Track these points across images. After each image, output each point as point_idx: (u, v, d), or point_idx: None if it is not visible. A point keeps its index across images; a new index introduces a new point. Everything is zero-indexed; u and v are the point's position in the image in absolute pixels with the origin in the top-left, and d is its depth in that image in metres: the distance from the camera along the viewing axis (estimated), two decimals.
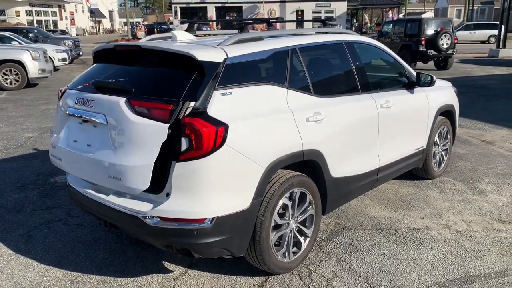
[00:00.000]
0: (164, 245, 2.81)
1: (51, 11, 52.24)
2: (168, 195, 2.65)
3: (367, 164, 3.84)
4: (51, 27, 52.45)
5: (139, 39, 36.66)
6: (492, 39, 31.93)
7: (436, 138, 4.94)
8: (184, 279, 3.16)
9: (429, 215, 4.20)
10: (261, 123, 2.85)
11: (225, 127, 2.63)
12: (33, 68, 12.65)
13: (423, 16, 55.52)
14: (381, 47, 4.34)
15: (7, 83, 12.60)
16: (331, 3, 53.28)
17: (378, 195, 4.71)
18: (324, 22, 4.36)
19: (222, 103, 2.69)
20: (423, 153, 4.73)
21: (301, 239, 3.28)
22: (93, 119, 2.88)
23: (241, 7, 53.58)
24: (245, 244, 2.88)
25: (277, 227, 3.07)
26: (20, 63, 12.57)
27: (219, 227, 2.68)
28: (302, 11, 53.64)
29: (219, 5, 53.38)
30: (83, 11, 60.78)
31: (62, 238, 3.76)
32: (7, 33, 18.02)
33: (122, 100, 2.73)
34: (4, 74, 12.56)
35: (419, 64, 17.22)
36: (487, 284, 3.08)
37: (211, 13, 53.56)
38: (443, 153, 5.20)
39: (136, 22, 66.95)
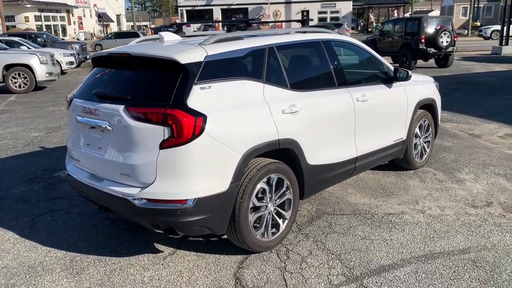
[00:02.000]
0: (151, 224, 3.13)
1: (60, 16, 53.00)
2: (154, 179, 2.97)
3: (344, 153, 4.13)
4: (60, 32, 53.28)
5: None
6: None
7: (417, 130, 5.21)
8: (172, 258, 3.48)
9: (406, 202, 4.48)
10: (238, 114, 3.16)
11: (204, 117, 2.95)
12: (40, 72, 13.09)
13: (430, 14, 55.52)
14: (360, 45, 4.63)
15: (16, 86, 13.05)
16: (336, 3, 53.46)
17: (360, 184, 5.00)
18: (303, 22, 4.65)
19: (201, 96, 3.01)
20: (403, 144, 5.00)
21: (280, 221, 3.58)
22: (100, 125, 3.21)
23: (246, 8, 53.97)
24: (224, 224, 3.20)
25: (255, 209, 3.37)
26: (28, 67, 13.02)
27: (199, 207, 3.00)
28: (307, 11, 53.89)
29: (225, 7, 53.81)
30: (91, 15, 61.55)
31: (63, 225, 4.10)
32: (16, 38, 18.58)
33: (121, 108, 3.05)
34: (13, 77, 13.01)
35: (420, 62, 17.43)
36: (449, 259, 3.36)
37: (217, 15, 54.02)
38: (425, 145, 5.46)
39: (143, 25, 67.65)
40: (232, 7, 53.82)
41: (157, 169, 2.95)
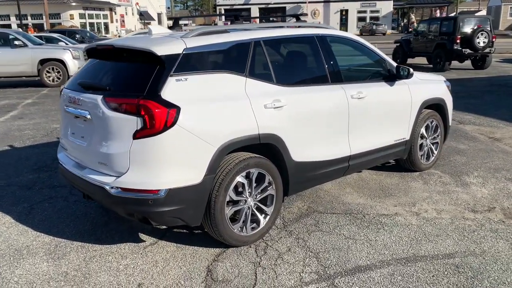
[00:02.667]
0: (126, 213, 3.18)
1: (103, 14, 54.69)
2: (127, 168, 3.02)
3: (335, 151, 4.05)
4: (102, 29, 54.95)
5: None
6: None
7: (423, 130, 5.04)
8: (153, 248, 3.52)
9: (403, 203, 4.35)
10: (215, 107, 3.16)
11: (177, 109, 2.97)
12: (73, 66, 13.55)
13: (476, 15, 53.52)
14: (361, 42, 4.52)
15: (49, 80, 13.58)
16: (376, 3, 52.52)
17: (360, 184, 4.89)
18: (297, 18, 4.59)
19: (176, 88, 3.03)
20: (406, 144, 4.85)
21: (261, 216, 3.55)
22: (82, 115, 3.30)
23: (284, 7, 53.88)
24: (199, 216, 3.21)
25: (234, 202, 3.36)
26: (61, 62, 13.51)
27: (171, 198, 3.02)
28: (346, 11, 53.24)
29: (263, 6, 53.93)
30: (132, 13, 63.12)
31: (58, 212, 4.23)
32: (55, 35, 19.33)
33: (99, 98, 3.13)
34: (47, 72, 13.53)
35: (455, 63, 16.84)
36: (430, 263, 3.23)
37: (255, 14, 54.15)
38: (432, 146, 5.28)
39: (183, 24, 68.75)
40: (270, 6, 53.88)
41: (130, 158, 3.00)
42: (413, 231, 3.76)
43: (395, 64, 4.65)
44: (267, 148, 3.52)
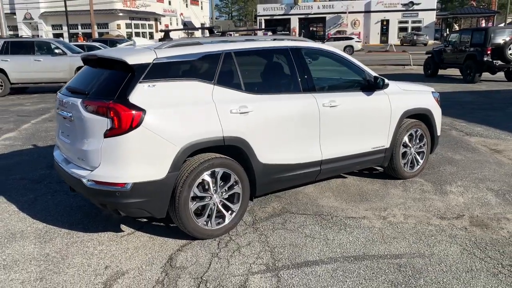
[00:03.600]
0: (100, 203, 3.59)
1: (148, 24, 56.79)
2: (99, 163, 3.43)
3: (305, 155, 4.31)
4: (148, 38, 56.87)
5: None
6: None
7: (405, 139, 5.19)
8: (129, 238, 3.91)
9: (374, 208, 4.53)
10: (180, 111, 3.53)
11: (143, 112, 3.36)
12: None
13: (509, 25, 51.56)
14: (338, 53, 4.77)
15: None
16: (418, 13, 51.67)
17: (342, 189, 5.10)
18: (274, 31, 4.90)
19: (144, 93, 3.42)
20: (386, 152, 5.03)
21: (227, 213, 3.87)
22: (67, 116, 3.77)
23: (324, 17, 53.98)
24: (163, 208, 3.57)
25: (198, 198, 3.70)
26: None
27: (136, 191, 3.40)
28: (387, 21, 52.63)
29: (302, 16, 54.25)
30: (177, 23, 65.12)
31: (58, 203, 4.72)
32: (97, 44, 20.50)
33: (79, 101, 3.58)
34: None
35: (487, 75, 16.48)
36: (375, 262, 3.44)
37: (294, 24, 54.65)
38: (417, 155, 5.41)
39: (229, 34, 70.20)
40: (310, 16, 54.12)
41: (101, 155, 3.41)
42: (372, 233, 3.96)
43: (374, 75, 4.86)
44: (234, 150, 3.84)
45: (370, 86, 4.81)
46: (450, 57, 17.68)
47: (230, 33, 5.28)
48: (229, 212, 3.90)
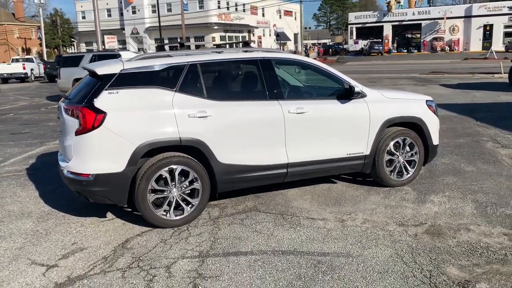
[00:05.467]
0: (74, 190, 4.29)
1: (241, 36, 59.13)
2: (72, 156, 4.14)
3: (269, 157, 4.63)
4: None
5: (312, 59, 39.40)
6: None
7: (390, 147, 5.23)
8: (107, 222, 4.57)
9: (341, 212, 4.70)
10: (138, 114, 4.11)
11: (104, 114, 3.99)
12: None
13: None
14: (314, 64, 5.02)
15: None
16: None
17: (323, 193, 5.30)
18: (246, 43, 5.27)
19: (108, 99, 4.06)
20: (366, 159, 5.13)
21: (187, 206, 4.35)
22: (60, 118, 4.56)
23: (419, 24, 51.75)
24: (123, 198, 4.16)
25: (158, 191, 4.23)
26: None
27: (98, 181, 4.04)
28: (491, 26, 48.94)
29: (396, 23, 52.55)
30: (270, 34, 66.93)
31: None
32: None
33: (63, 105, 4.35)
34: None
35: None
36: (297, 257, 3.68)
37: (387, 31, 53.13)
38: (407, 164, 5.40)
39: (312, 43, 70.46)
40: (404, 23, 52.24)
41: (73, 150, 4.11)
42: (318, 233, 4.17)
43: (353, 84, 5.00)
44: (194, 150, 4.32)
45: (347, 94, 4.97)
46: None
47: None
48: (189, 206, 4.38)
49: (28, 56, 39.02)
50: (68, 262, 3.73)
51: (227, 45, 5.56)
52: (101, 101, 4.04)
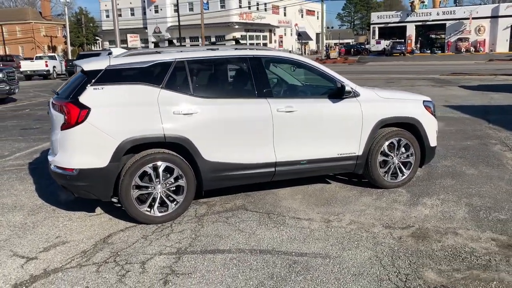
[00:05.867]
0: (60, 184, 4.35)
1: (262, 35, 59.19)
2: (58, 151, 4.19)
3: (256, 156, 4.59)
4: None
5: (332, 59, 38.80)
6: None
7: (384, 148, 5.13)
8: (94, 217, 4.61)
9: (328, 212, 4.63)
10: (122, 110, 4.13)
11: (88, 110, 4.03)
12: None
13: None
14: (305, 62, 4.96)
15: None
16: None
17: (316, 193, 5.23)
18: (237, 41, 5.22)
19: (92, 95, 4.09)
20: (358, 159, 5.04)
21: (171, 203, 4.36)
22: (49, 113, 4.63)
23: (444, 24, 50.75)
24: (107, 193, 4.20)
25: (141, 187, 4.25)
26: None
27: (82, 176, 4.09)
28: None
29: (419, 23, 51.66)
30: (291, 34, 66.73)
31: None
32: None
33: (52, 100, 4.40)
34: None
35: None
36: (274, 257, 3.64)
37: (411, 32, 52.29)
38: (402, 165, 5.28)
39: (334, 43, 69.88)
40: (427, 23, 51.32)
41: (59, 144, 4.16)
42: (301, 233, 4.11)
43: (345, 83, 4.92)
44: (179, 147, 4.32)
45: (338, 93, 4.89)
46: None
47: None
48: (174, 202, 4.38)
49: (51, 54, 39.84)
50: (48, 255, 3.78)
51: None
52: (85, 97, 4.08)
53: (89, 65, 4.22)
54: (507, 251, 3.71)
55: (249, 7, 55.25)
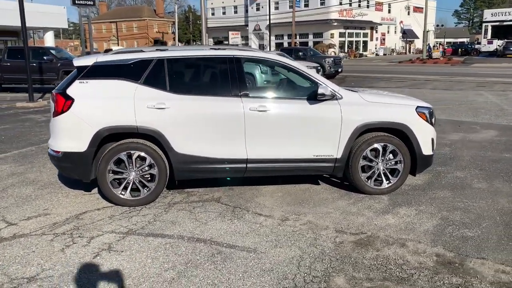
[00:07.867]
0: (54, 164, 5.00)
1: (363, 33, 57.60)
2: (51, 135, 4.85)
3: (227, 152, 4.82)
4: (361, 47, 57.64)
5: (434, 59, 35.84)
6: None
7: (367, 153, 5.02)
8: (86, 196, 5.22)
9: (293, 212, 4.69)
10: (101, 102, 4.64)
11: (72, 100, 4.61)
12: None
13: None
14: (287, 64, 5.05)
15: None
16: None
17: (297, 192, 5.30)
18: (221, 42, 5.38)
19: (78, 87, 4.66)
20: (336, 162, 5.01)
21: (143, 189, 4.78)
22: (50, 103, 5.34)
23: None
24: (87, 175, 4.75)
25: (116, 172, 4.74)
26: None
27: (65, 158, 4.69)
28: None
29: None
30: (395, 32, 63.93)
31: None
32: (280, 52, 22.67)
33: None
34: None
35: None
36: (201, 245, 3.88)
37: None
38: (388, 172, 5.12)
39: (438, 42, 65.25)
40: None
41: (51, 129, 4.81)
42: (250, 228, 4.28)
43: (324, 85, 4.90)
44: (151, 138, 4.73)
45: (315, 95, 4.89)
46: None
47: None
48: (146, 189, 4.80)
49: None
50: (26, 223, 4.43)
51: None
52: (72, 89, 4.66)
53: (79, 61, 4.80)
54: (441, 268, 3.52)
55: (350, 4, 54.10)
